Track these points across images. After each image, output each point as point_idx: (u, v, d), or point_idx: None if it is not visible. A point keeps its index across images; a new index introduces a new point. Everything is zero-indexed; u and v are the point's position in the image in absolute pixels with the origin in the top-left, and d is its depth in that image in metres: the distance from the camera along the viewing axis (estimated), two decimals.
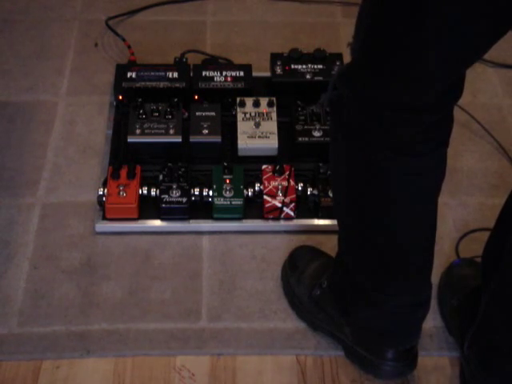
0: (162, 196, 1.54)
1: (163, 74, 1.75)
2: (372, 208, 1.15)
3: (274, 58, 1.78)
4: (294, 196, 1.56)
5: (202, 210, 1.57)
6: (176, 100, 1.68)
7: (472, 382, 1.29)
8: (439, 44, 0.92)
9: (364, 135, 1.06)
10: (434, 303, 1.42)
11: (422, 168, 1.09)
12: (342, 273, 1.28)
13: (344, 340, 1.36)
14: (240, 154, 1.64)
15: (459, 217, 1.60)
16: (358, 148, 1.08)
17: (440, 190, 1.15)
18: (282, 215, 1.56)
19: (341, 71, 1.07)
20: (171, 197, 1.54)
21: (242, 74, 1.77)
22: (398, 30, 0.94)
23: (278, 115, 1.68)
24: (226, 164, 1.59)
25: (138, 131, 1.63)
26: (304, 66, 1.76)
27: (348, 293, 1.29)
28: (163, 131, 1.63)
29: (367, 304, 1.26)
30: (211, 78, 1.75)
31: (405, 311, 1.26)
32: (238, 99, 1.70)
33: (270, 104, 1.69)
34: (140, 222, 1.56)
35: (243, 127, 1.65)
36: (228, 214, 1.56)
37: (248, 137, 1.64)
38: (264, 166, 1.60)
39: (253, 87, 1.75)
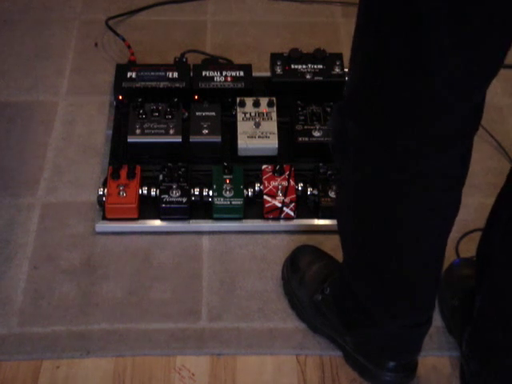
0: (162, 196, 1.54)
1: (163, 74, 1.75)
2: (380, 241, 1.14)
3: (274, 58, 1.78)
4: (293, 196, 1.56)
5: (202, 209, 1.57)
6: (176, 100, 1.68)
7: (472, 381, 1.29)
8: (444, 68, 0.89)
9: (373, 167, 1.04)
10: None
11: (434, 205, 1.07)
12: (346, 292, 1.28)
13: (344, 346, 1.36)
14: (240, 154, 1.64)
15: (459, 217, 1.57)
16: (366, 179, 1.06)
17: (453, 224, 1.13)
18: (282, 215, 1.56)
19: (341, 106, 1.03)
20: (171, 197, 1.54)
21: (241, 74, 1.77)
22: (399, 58, 0.91)
23: (278, 115, 1.68)
24: (225, 164, 1.59)
25: (138, 131, 1.62)
26: (304, 66, 1.76)
27: (351, 310, 1.29)
28: (163, 131, 1.63)
29: (370, 324, 1.27)
30: (211, 78, 1.75)
31: (407, 331, 1.26)
32: (238, 99, 1.70)
33: (270, 104, 1.69)
34: (140, 221, 1.56)
35: (243, 127, 1.65)
36: (228, 213, 1.56)
37: (248, 137, 1.64)
38: (264, 166, 1.60)
39: (253, 87, 1.75)
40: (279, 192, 1.55)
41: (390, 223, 1.10)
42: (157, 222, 1.56)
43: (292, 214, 1.56)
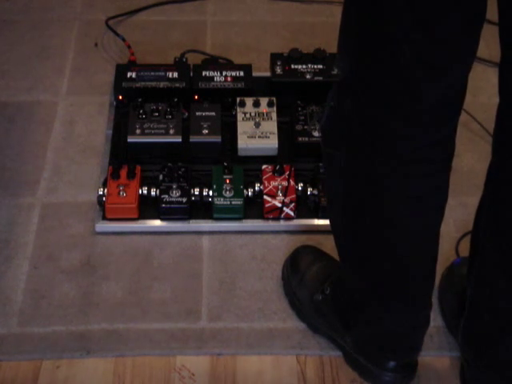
0: (162, 196, 1.54)
1: (163, 74, 1.75)
2: (371, 232, 1.14)
3: (274, 58, 1.78)
4: (293, 196, 1.56)
5: (202, 209, 1.57)
6: (176, 100, 1.68)
7: (471, 378, 1.29)
8: (410, 46, 0.94)
9: (365, 149, 1.05)
10: (434, 302, 1.42)
11: (421, 191, 1.08)
12: (345, 292, 1.29)
13: (344, 346, 1.36)
14: (240, 154, 1.64)
15: (459, 217, 1.60)
16: (358, 164, 1.08)
17: (443, 215, 1.14)
18: (282, 215, 1.56)
19: (338, 85, 1.07)
20: (171, 197, 1.54)
21: (241, 74, 1.77)
22: (374, 41, 0.96)
23: (278, 115, 1.68)
24: (225, 164, 1.59)
25: (138, 131, 1.62)
26: (304, 66, 1.76)
27: (349, 309, 1.29)
28: (163, 131, 1.63)
29: (368, 322, 1.27)
30: (211, 78, 1.75)
31: (405, 331, 1.27)
32: (238, 99, 1.70)
33: (269, 104, 1.69)
34: (140, 221, 1.56)
35: (243, 127, 1.65)
36: (228, 214, 1.56)
37: (248, 137, 1.64)
38: (264, 166, 1.60)
39: (253, 87, 1.75)
40: (279, 192, 1.55)
41: (377, 210, 1.11)
42: (157, 222, 1.56)
43: (292, 214, 1.56)
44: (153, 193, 1.56)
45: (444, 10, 0.90)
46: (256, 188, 1.57)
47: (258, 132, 1.64)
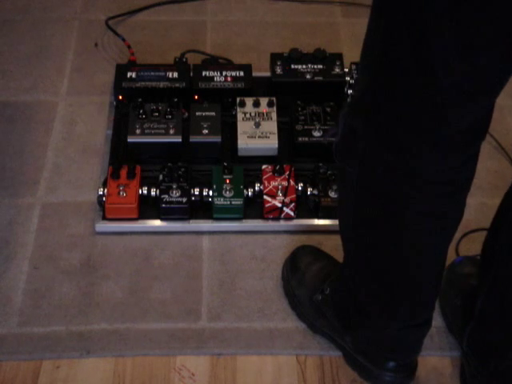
0: (162, 196, 1.54)
1: (163, 74, 1.75)
2: (381, 244, 1.14)
3: (274, 58, 1.78)
4: (293, 196, 1.56)
5: (202, 209, 1.57)
6: (176, 100, 1.68)
7: (472, 381, 1.29)
8: (449, 74, 0.90)
9: (378, 168, 1.04)
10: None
11: (438, 210, 1.07)
12: (345, 291, 1.28)
13: (344, 346, 1.36)
14: (240, 153, 1.64)
15: None
16: (372, 181, 1.06)
17: (456, 230, 1.14)
18: (282, 215, 1.56)
19: (351, 104, 1.04)
20: (171, 197, 1.54)
21: (241, 74, 1.77)
22: (406, 64, 0.92)
23: (278, 115, 1.68)
24: (225, 164, 1.59)
25: (138, 131, 1.62)
26: (304, 66, 1.76)
27: (350, 311, 1.29)
28: (163, 131, 1.63)
29: (369, 325, 1.27)
30: (211, 78, 1.75)
31: (406, 332, 1.26)
32: (238, 99, 1.70)
33: (269, 104, 1.69)
34: (140, 221, 1.56)
35: (243, 127, 1.65)
36: (228, 213, 1.56)
37: (248, 137, 1.64)
38: (264, 166, 1.60)
39: (253, 87, 1.75)
40: (279, 192, 1.55)
41: (390, 226, 1.10)
42: (157, 222, 1.56)
43: (292, 214, 1.56)
44: (153, 193, 1.56)
45: (489, 35, 0.86)
46: (256, 188, 1.57)
47: (258, 132, 1.64)
